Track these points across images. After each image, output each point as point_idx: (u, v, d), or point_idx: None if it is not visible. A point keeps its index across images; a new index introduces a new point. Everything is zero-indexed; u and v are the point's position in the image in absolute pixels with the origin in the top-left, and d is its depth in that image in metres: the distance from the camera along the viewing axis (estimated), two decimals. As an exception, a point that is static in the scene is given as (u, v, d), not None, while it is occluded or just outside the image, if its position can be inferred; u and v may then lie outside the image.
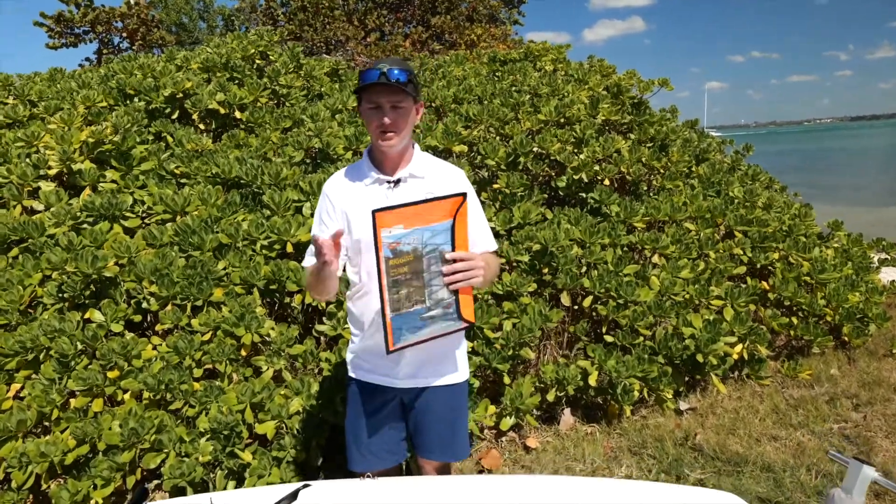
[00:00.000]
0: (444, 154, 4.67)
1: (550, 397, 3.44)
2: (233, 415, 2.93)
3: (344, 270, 2.04)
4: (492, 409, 3.37)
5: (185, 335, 3.20)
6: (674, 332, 3.68)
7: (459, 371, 2.11)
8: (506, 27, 18.05)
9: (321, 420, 3.10)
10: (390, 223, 1.57)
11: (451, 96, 5.19)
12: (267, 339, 3.32)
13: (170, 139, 4.64)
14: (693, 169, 5.27)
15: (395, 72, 1.84)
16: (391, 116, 1.86)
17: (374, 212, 1.55)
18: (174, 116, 4.93)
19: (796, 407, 3.59)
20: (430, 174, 2.00)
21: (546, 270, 3.82)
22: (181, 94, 4.87)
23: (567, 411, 3.57)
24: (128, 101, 5.07)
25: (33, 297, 3.39)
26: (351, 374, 2.10)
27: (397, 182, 1.96)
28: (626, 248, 4.13)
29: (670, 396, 3.50)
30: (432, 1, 15.70)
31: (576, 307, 3.88)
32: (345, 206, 1.97)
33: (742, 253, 4.32)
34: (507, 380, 3.41)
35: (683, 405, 3.63)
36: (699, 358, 3.50)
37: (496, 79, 5.73)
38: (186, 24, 17.61)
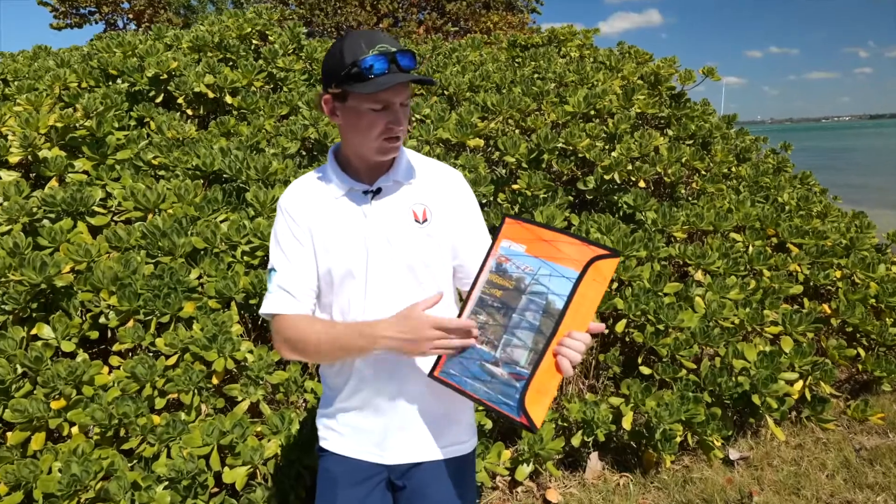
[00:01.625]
0: (458, 149, 4.13)
1: (576, 442, 2.91)
2: (194, 461, 2.43)
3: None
4: (506, 454, 2.85)
5: (147, 358, 2.70)
6: (722, 366, 3.14)
7: (468, 439, 1.60)
8: (523, 15, 17.41)
9: (302, 466, 2.61)
10: (516, 237, 1.34)
11: (467, 83, 4.64)
12: (243, 363, 2.82)
13: (152, 125, 4.14)
14: (733, 169, 4.70)
15: (407, 58, 1.35)
16: (402, 116, 1.39)
17: (505, 216, 1.37)
18: (158, 100, 4.43)
19: (871, 461, 3.04)
20: (419, 179, 1.51)
21: (573, 287, 3.28)
22: (166, 76, 4.36)
23: (594, 456, 3.04)
24: (110, 83, 4.58)
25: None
26: (323, 444, 1.59)
27: (377, 192, 1.45)
28: (664, 263, 3.59)
29: (719, 444, 2.96)
30: (448, -14, 15.16)
31: (606, 331, 3.34)
32: (311, 225, 1.46)
33: (799, 270, 3.76)
34: (525, 419, 2.89)
35: (734, 454, 3.09)
36: (755, 399, 2.96)
37: (516, 65, 5.17)
38: (195, 6, 17.14)
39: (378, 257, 1.43)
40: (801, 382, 3.19)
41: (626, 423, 2.91)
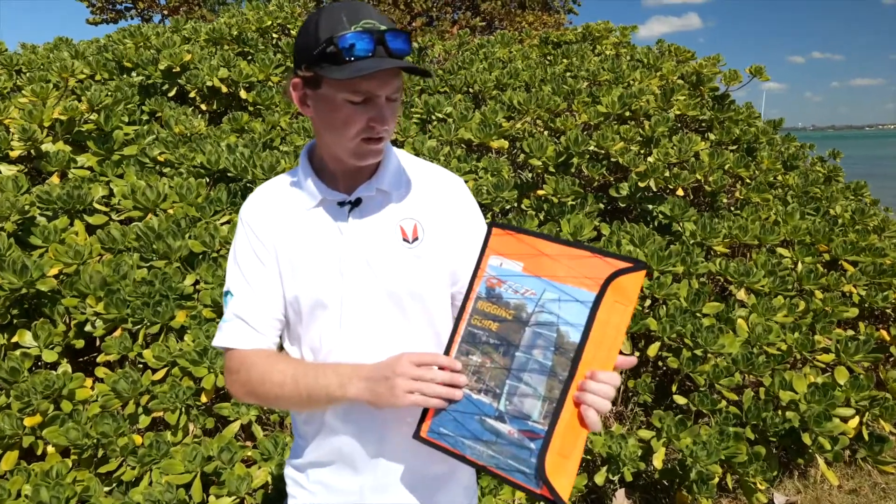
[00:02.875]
0: (480, 150, 3.86)
1: (599, 479, 2.61)
2: (173, 491, 2.20)
3: (280, 346, 1.27)
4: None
5: (131, 372, 2.49)
6: (767, 398, 2.81)
7: (469, 502, 1.33)
8: (559, 16, 17.05)
9: (294, 498, 2.36)
10: (509, 251, 1.06)
11: (493, 81, 4.36)
12: (237, 380, 2.59)
13: (163, 120, 3.97)
14: (780, 178, 4.33)
15: (399, 40, 1.07)
16: (388, 113, 1.10)
17: (491, 226, 1.09)
18: (171, 94, 4.26)
19: (939, 514, 2.68)
20: (409, 188, 1.23)
21: (601, 305, 2.98)
22: (178, 69, 4.19)
23: (621, 493, 2.74)
24: (124, 76, 4.43)
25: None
26: (293, 499, 1.33)
27: (357, 202, 1.19)
28: (703, 280, 3.26)
29: (763, 487, 2.63)
30: (483, -15, 14.92)
31: (636, 353, 3.03)
32: (276, 242, 1.20)
33: (854, 291, 3.39)
34: (543, 453, 2.60)
35: (779, 498, 2.76)
36: (806, 438, 2.62)
37: (548, 63, 4.87)
38: (231, 4, 17.19)
39: (355, 284, 1.16)
40: (857, 419, 2.83)
41: (658, 461, 2.60)
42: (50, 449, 2.39)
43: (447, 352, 1.07)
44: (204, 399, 2.53)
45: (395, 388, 1.02)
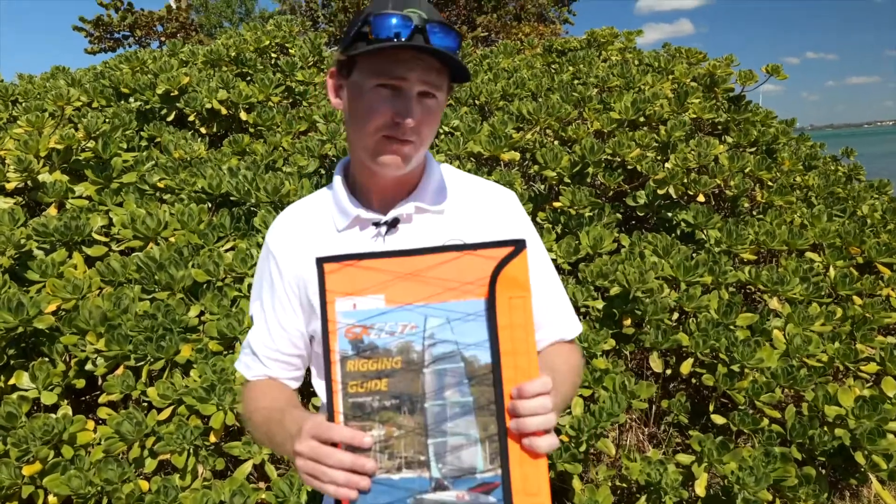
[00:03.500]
0: (491, 163, 3.73)
1: (639, 509, 2.44)
2: (183, 542, 2.04)
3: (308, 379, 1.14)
4: (556, 524, 2.40)
5: (135, 413, 2.34)
6: (812, 413, 2.64)
7: None
8: (555, 26, 17.02)
9: (313, 543, 2.20)
10: (356, 287, 0.83)
11: (499, 91, 4.24)
12: (247, 416, 2.44)
13: (162, 146, 3.86)
14: (799, 179, 4.18)
15: (442, 34, 0.92)
16: (418, 111, 0.95)
17: (318, 261, 0.84)
18: (169, 118, 4.15)
19: None
20: (455, 204, 1.09)
21: (628, 321, 2.82)
22: (177, 92, 4.08)
23: (660, 522, 2.56)
24: (122, 101, 4.33)
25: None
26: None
27: (394, 223, 1.05)
28: (733, 290, 3.10)
29: (814, 512, 2.45)
30: (478, 0, 14.95)
31: (668, 371, 2.87)
32: (301, 272, 1.07)
33: (893, 295, 3.22)
34: (577, 484, 2.43)
35: (831, 522, 2.59)
36: (858, 457, 2.44)
37: (553, 71, 4.75)
38: (227, 28, 17.25)
39: None
40: (909, 433, 2.65)
41: (700, 488, 2.42)
42: (52, 499, 2.24)
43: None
44: (213, 438, 2.38)
45: (298, 468, 0.83)
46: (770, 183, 3.82)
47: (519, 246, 0.81)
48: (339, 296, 0.83)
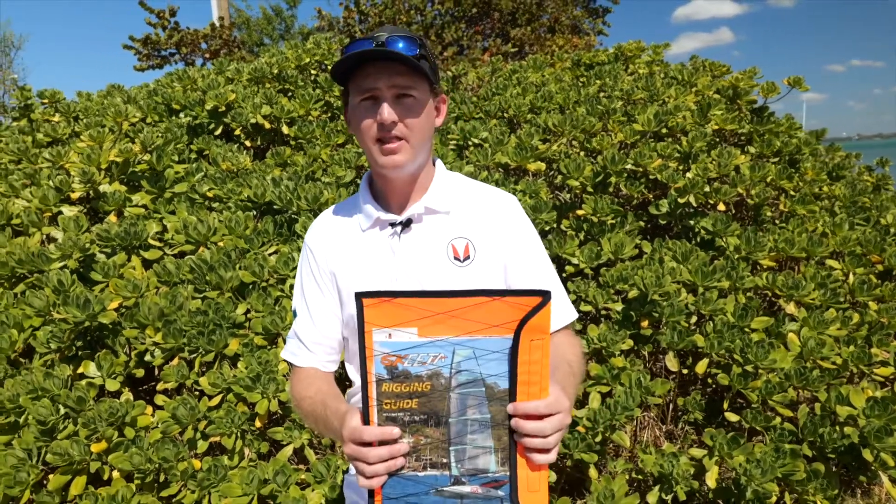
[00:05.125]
0: (517, 173, 3.91)
1: (652, 499, 2.57)
2: (231, 513, 2.26)
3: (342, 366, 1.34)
4: (573, 511, 2.55)
5: (189, 399, 2.58)
6: (824, 413, 2.73)
7: None
8: (589, 38, 17.09)
9: (347, 521, 2.39)
10: (392, 321, 0.93)
11: (528, 105, 4.43)
12: (288, 404, 2.66)
13: (210, 158, 4.15)
14: (824, 189, 4.24)
15: (400, 42, 1.12)
16: (396, 110, 1.14)
17: (358, 296, 0.93)
18: (217, 133, 4.45)
19: None
20: (460, 206, 1.26)
21: (645, 323, 2.96)
22: (224, 108, 4.38)
23: (675, 514, 2.69)
24: (173, 117, 4.65)
25: (30, 344, 2.89)
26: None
27: (407, 224, 1.23)
28: (750, 295, 3.21)
29: (824, 506, 2.55)
30: (512, 13, 15.08)
31: (685, 371, 3.00)
32: (332, 265, 1.27)
33: (911, 302, 3.28)
34: (593, 473, 2.58)
35: (842, 518, 2.67)
36: (867, 454, 2.53)
37: (581, 84, 4.92)
38: (268, 45, 17.82)
39: None
40: (921, 434, 2.72)
41: (711, 480, 2.55)
42: (115, 474, 2.49)
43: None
44: (258, 424, 2.60)
45: (359, 470, 0.96)
46: (793, 192, 3.90)
47: (546, 298, 0.92)
48: (377, 327, 0.93)
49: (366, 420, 0.95)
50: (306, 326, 1.30)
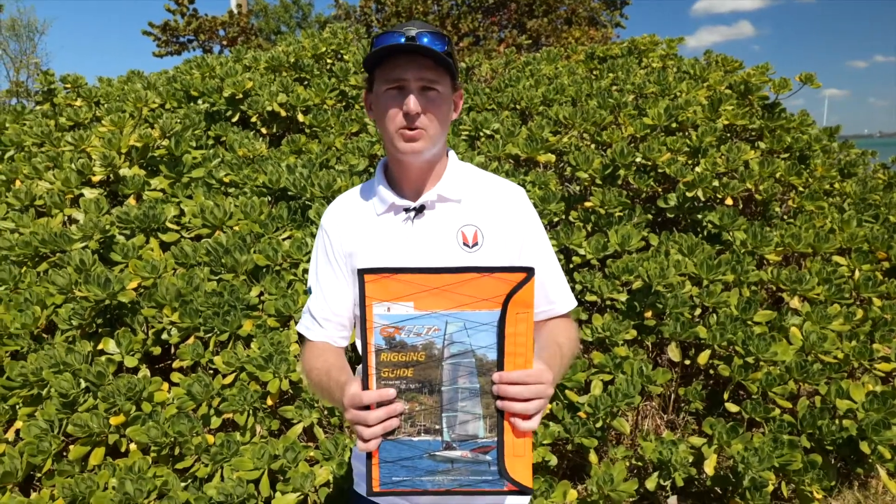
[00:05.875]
0: (528, 164, 3.96)
1: (650, 485, 2.64)
2: (244, 486, 2.36)
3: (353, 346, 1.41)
4: (572, 494, 2.62)
5: (204, 377, 2.68)
6: (823, 406, 2.78)
7: None
8: (606, 30, 16.97)
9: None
10: (390, 295, 1.02)
11: (540, 97, 4.47)
12: (299, 384, 2.75)
13: (227, 144, 4.24)
14: (836, 185, 4.25)
15: (427, 37, 1.19)
16: (421, 102, 1.21)
17: (360, 272, 1.02)
18: (234, 119, 4.53)
19: None
20: (470, 195, 1.33)
21: (649, 314, 3.02)
22: (241, 96, 4.46)
23: (673, 500, 2.76)
24: (192, 104, 4.74)
25: (52, 320, 3.01)
26: (358, 488, 1.45)
27: (420, 210, 1.30)
28: (754, 288, 3.25)
29: (819, 496, 2.60)
30: (529, 4, 15.00)
31: (687, 362, 3.05)
32: (348, 246, 1.34)
33: (915, 299, 3.31)
34: (593, 458, 2.65)
35: (837, 508, 2.72)
36: (864, 447, 2.58)
37: (594, 77, 4.95)
38: (285, 32, 17.91)
39: None
40: (920, 429, 2.76)
41: (709, 468, 2.61)
42: (132, 446, 2.59)
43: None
44: (270, 402, 2.69)
45: (358, 434, 1.03)
46: (802, 188, 3.93)
47: (530, 274, 1.01)
48: (377, 301, 1.01)
49: (365, 387, 1.02)
50: (319, 303, 1.36)
